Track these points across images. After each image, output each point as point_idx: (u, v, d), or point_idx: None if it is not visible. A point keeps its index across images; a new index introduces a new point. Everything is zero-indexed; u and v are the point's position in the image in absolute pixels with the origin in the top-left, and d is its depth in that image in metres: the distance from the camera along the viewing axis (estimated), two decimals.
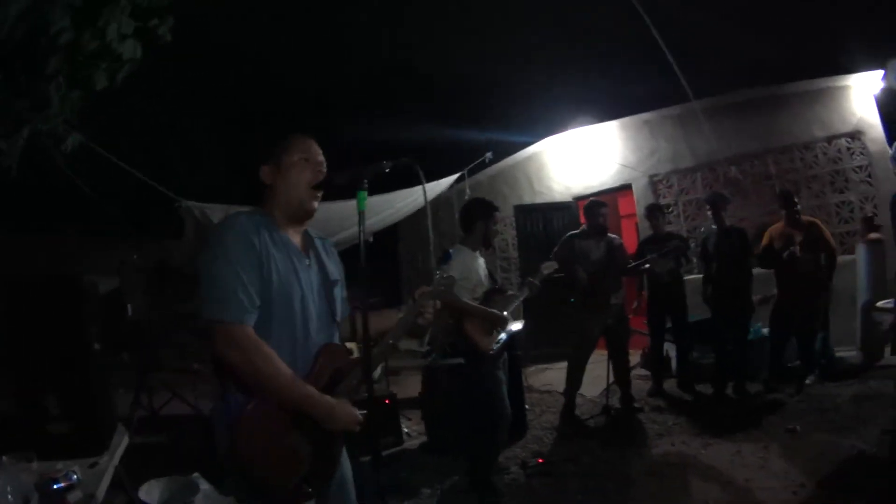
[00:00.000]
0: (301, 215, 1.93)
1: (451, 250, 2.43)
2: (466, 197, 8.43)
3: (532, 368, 7.46)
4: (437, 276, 2.17)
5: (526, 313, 8.41)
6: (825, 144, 6.73)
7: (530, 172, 9.38)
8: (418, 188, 7.24)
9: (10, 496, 2.36)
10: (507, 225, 9.38)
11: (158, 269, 6.02)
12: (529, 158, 9.38)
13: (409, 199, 8.69)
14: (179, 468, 3.70)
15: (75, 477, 2.65)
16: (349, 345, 2.19)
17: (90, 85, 3.53)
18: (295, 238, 1.94)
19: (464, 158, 8.51)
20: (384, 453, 4.79)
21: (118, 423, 3.59)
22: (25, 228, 6.72)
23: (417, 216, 9.34)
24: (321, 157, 1.95)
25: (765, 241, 5.37)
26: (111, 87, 3.66)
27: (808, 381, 5.37)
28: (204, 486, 3.46)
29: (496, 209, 4.00)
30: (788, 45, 5.85)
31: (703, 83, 5.85)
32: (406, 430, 5.46)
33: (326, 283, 1.97)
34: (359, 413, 1.83)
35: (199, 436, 4.51)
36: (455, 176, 8.73)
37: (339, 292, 2.07)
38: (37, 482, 2.51)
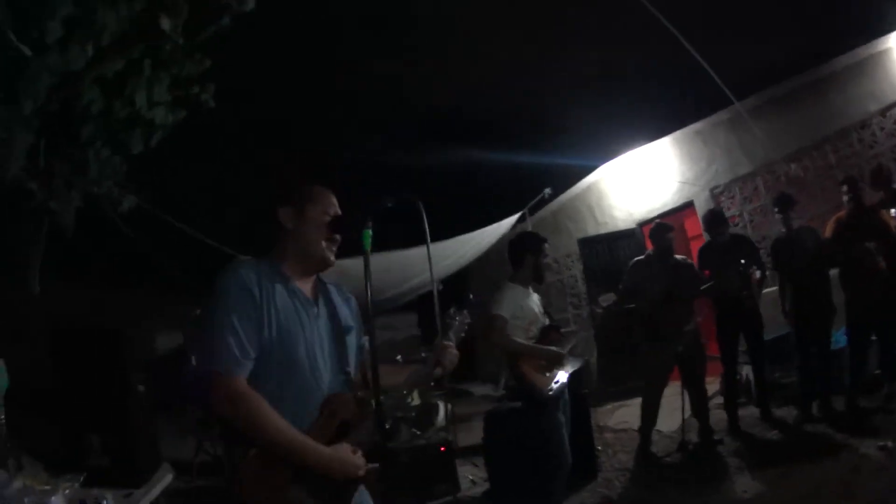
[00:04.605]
0: (318, 267, 1.94)
1: (470, 295, 2.30)
2: None
3: (609, 406, 7.00)
4: (457, 322, 2.10)
5: (600, 348, 8.00)
6: (881, 118, 5.98)
7: (591, 203, 9.11)
8: (484, 230, 7.11)
9: None
10: (575, 260, 9.04)
11: None
12: (589, 189, 9.14)
13: (473, 243, 8.62)
14: None
15: (105, 503, 2.80)
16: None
17: (126, 149, 3.75)
18: (305, 285, 1.91)
19: (523, 197, 8.37)
20: (437, 502, 4.53)
21: (163, 462, 3.77)
22: (94, 286, 7.19)
23: (486, 259, 9.24)
24: (338, 210, 1.96)
25: (828, 233, 4.79)
26: (147, 151, 3.89)
27: None
28: None
29: (544, 241, 3.89)
30: (817, 22, 5.32)
31: (743, 81, 5.42)
32: (471, 477, 5.22)
33: (338, 332, 1.93)
34: (362, 461, 1.75)
35: None
36: (516, 216, 8.57)
37: (354, 341, 2.01)
38: (68, 503, 2.66)
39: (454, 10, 6.15)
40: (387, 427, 1.82)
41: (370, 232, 1.82)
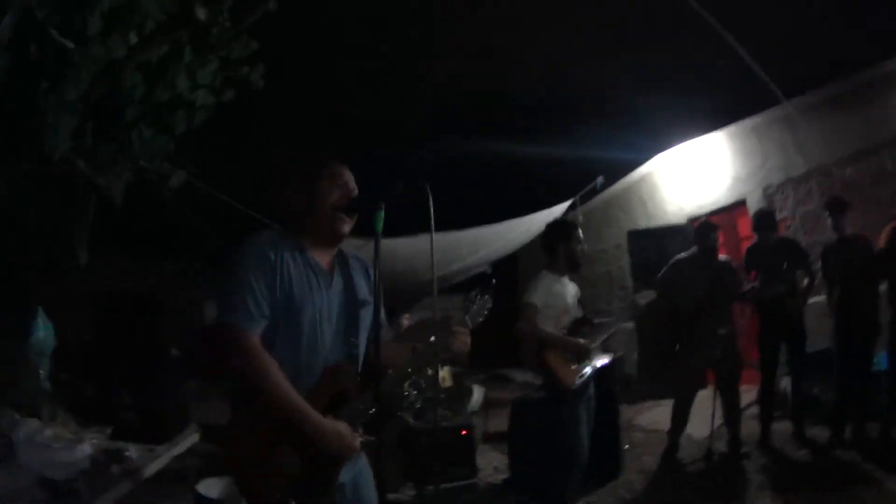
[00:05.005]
0: (331, 239, 1.97)
1: (493, 280, 2.28)
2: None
3: (645, 404, 6.81)
4: (475, 307, 2.06)
5: (640, 344, 7.78)
6: None
7: (643, 195, 8.81)
8: (535, 216, 7.02)
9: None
10: (624, 252, 8.80)
11: None
12: (642, 180, 8.84)
13: (523, 228, 8.53)
14: None
15: (127, 454, 3.10)
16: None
17: (170, 129, 3.93)
18: (323, 257, 1.96)
19: (575, 185, 8.19)
20: (452, 485, 4.59)
21: (192, 424, 4.03)
22: (145, 257, 7.55)
23: (537, 244, 9.16)
24: (352, 184, 1.98)
25: (882, 242, 4.40)
26: (190, 131, 4.06)
27: None
28: None
29: (575, 228, 3.82)
30: (881, 16, 4.80)
31: (800, 77, 5.01)
32: (496, 464, 5.34)
33: (351, 305, 1.96)
34: (355, 440, 1.77)
35: None
36: (567, 203, 8.39)
37: (369, 315, 1.99)
38: (93, 451, 2.98)
39: None
40: (384, 402, 1.84)
41: (382, 214, 1.82)
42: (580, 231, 3.80)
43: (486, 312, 2.08)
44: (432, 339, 1.96)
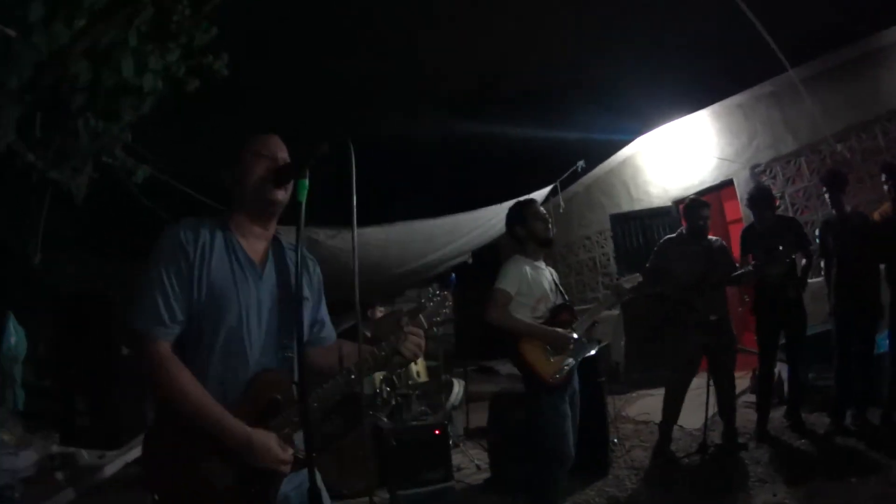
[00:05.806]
0: (263, 208, 1.77)
1: (452, 275, 2.02)
2: (561, 211, 7.84)
3: (633, 394, 6.64)
4: (432, 304, 1.89)
5: (628, 332, 7.58)
6: None
7: (626, 178, 8.70)
8: (513, 202, 6.69)
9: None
10: (608, 237, 8.59)
11: None
12: (624, 163, 8.73)
13: (502, 215, 8.25)
14: None
15: (76, 460, 2.90)
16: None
17: (118, 117, 3.69)
18: (257, 245, 1.78)
19: (556, 169, 7.93)
20: (429, 489, 4.27)
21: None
22: (110, 255, 7.28)
23: None
24: (281, 152, 1.80)
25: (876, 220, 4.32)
26: (139, 118, 3.89)
27: None
28: None
29: (529, 205, 3.54)
30: None
31: (786, 52, 4.77)
32: (477, 462, 5.05)
33: (284, 300, 1.76)
34: (287, 452, 1.59)
35: None
36: (547, 189, 8.13)
37: (307, 313, 1.88)
38: (40, 457, 2.77)
39: None
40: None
41: (306, 182, 1.60)
42: (537, 206, 3.52)
43: (444, 311, 1.90)
44: (381, 343, 1.76)
